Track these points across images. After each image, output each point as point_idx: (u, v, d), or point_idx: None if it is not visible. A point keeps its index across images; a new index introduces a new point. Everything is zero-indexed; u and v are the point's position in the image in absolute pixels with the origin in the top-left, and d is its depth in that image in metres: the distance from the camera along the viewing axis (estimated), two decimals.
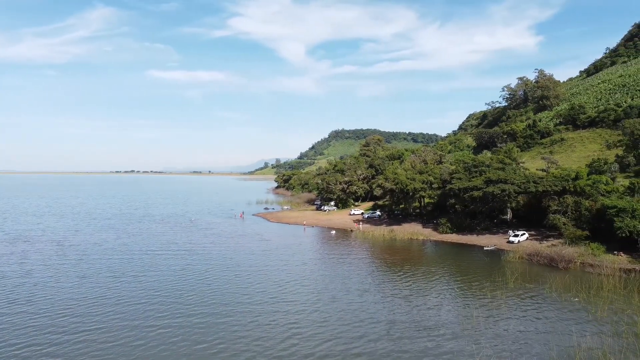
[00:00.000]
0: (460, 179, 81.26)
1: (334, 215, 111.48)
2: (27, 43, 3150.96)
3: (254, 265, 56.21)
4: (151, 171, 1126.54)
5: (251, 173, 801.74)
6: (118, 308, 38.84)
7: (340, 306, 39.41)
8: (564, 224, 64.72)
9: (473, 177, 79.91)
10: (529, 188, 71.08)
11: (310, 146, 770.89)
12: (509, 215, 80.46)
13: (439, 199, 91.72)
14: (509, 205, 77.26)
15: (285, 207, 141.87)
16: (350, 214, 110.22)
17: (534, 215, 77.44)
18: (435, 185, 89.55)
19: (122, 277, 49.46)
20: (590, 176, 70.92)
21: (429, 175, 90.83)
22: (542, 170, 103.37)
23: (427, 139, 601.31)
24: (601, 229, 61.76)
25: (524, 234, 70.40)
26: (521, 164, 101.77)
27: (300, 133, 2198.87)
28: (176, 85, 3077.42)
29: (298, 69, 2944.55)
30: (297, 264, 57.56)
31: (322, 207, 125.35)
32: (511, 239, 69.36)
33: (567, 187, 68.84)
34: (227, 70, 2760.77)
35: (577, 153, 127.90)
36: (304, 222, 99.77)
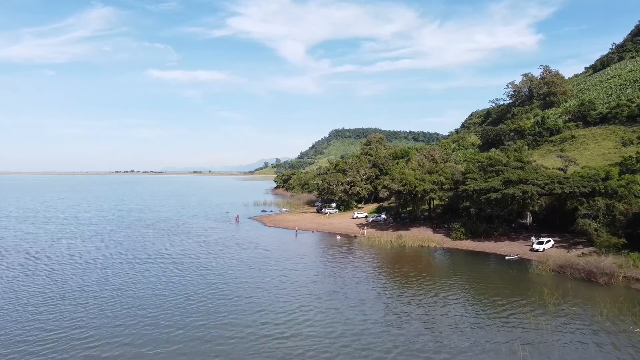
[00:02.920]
0: (474, 179, 74.26)
1: (335, 219, 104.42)
2: (26, 43, 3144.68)
3: (254, 283, 48.43)
4: (151, 171, 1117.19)
5: (251, 173, 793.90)
6: (89, 337, 31.90)
7: (363, 345, 31.95)
8: (596, 230, 57.92)
9: (489, 178, 72.96)
10: (554, 189, 64.09)
11: (311, 145, 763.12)
12: (528, 219, 73.57)
13: (450, 201, 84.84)
14: (531, 208, 70.28)
15: (284, 209, 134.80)
16: (353, 217, 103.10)
17: (556, 218, 70.69)
18: (446, 186, 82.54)
19: (96, 299, 42.27)
20: (622, 176, 63.99)
21: (440, 175, 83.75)
22: (559, 169, 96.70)
23: (428, 138, 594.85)
24: (638, 235, 55.08)
25: (549, 240, 63.42)
26: (534, 162, 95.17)
27: (300, 132, 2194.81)
28: (176, 85, 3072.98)
29: (298, 69, 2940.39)
30: (303, 281, 49.38)
31: (323, 210, 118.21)
32: (535, 246, 62.38)
33: (597, 188, 61.94)
34: (226, 70, 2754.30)
35: (590, 151, 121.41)
36: (296, 227, 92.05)
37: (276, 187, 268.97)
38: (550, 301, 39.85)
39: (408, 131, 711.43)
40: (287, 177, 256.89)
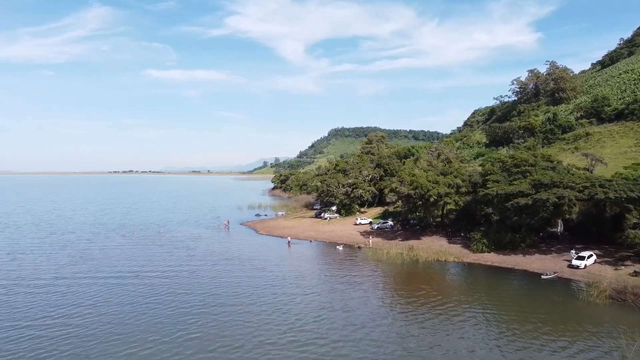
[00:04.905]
0: (497, 181, 64.63)
1: (335, 225, 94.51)
2: (25, 43, 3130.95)
3: (244, 321, 37.95)
4: (150, 171, 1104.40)
5: (250, 173, 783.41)
6: None
7: None
8: None
9: (515, 180, 63.40)
10: (596, 194, 54.45)
11: (310, 145, 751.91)
12: (559, 227, 64.02)
13: (466, 206, 75.23)
14: (567, 215, 60.61)
15: (280, 213, 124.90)
16: (356, 223, 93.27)
17: (593, 227, 61.27)
18: (463, 190, 72.84)
19: (35, 337, 32.53)
20: None
21: (455, 177, 74.01)
22: (585, 169, 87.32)
23: (429, 137, 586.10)
24: None
25: (591, 255, 53.62)
26: (564, 163, 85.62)
27: (299, 132, 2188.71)
28: (175, 85, 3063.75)
29: (297, 68, 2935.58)
30: (305, 317, 38.60)
31: (322, 214, 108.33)
32: (574, 262, 52.56)
33: None
34: (225, 70, 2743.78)
35: (609, 149, 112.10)
36: (289, 237, 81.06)
37: (274, 188, 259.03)
38: (630, 351, 30.01)
39: (408, 130, 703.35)
40: (285, 178, 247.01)
